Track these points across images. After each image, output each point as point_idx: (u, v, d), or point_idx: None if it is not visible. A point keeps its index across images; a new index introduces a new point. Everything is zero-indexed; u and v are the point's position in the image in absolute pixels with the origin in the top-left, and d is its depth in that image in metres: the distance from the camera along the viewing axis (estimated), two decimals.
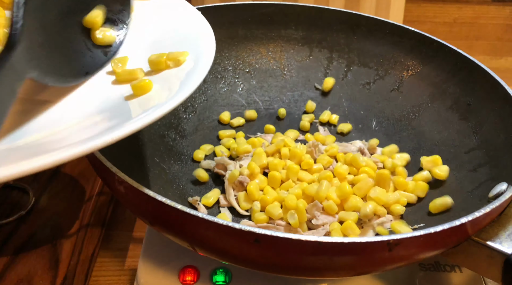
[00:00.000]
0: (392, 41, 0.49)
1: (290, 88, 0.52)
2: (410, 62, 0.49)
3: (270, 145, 0.43)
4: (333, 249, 0.26)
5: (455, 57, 0.45)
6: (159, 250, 0.39)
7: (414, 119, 0.47)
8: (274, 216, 0.37)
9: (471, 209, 0.29)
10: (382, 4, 0.69)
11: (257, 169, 0.40)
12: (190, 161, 0.44)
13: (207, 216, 0.26)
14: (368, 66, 0.51)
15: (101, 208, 0.48)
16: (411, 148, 0.46)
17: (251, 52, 0.52)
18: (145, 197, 0.28)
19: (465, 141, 0.42)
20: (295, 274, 0.31)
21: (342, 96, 0.51)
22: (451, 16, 0.77)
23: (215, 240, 0.28)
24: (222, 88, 0.51)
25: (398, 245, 0.26)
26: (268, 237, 0.26)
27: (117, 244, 0.46)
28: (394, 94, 0.49)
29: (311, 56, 0.52)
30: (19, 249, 0.42)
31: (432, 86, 0.47)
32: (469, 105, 0.43)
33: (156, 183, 0.39)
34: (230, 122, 0.49)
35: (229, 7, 0.50)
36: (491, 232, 0.31)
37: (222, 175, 0.42)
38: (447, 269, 0.39)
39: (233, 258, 0.30)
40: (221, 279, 0.37)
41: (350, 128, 0.49)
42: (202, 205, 0.40)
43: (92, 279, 0.43)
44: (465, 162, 0.41)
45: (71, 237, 0.43)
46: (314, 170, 0.41)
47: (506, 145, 0.38)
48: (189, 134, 0.47)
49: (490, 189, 0.35)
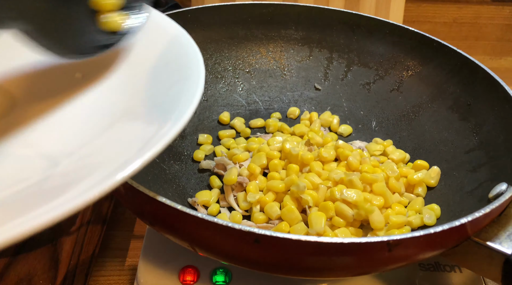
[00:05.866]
0: (392, 41, 0.49)
1: (290, 88, 0.52)
2: (410, 62, 0.49)
3: (271, 146, 0.43)
4: (333, 249, 0.26)
5: (455, 57, 0.45)
6: (159, 250, 0.39)
7: (414, 119, 0.47)
8: (272, 216, 0.37)
9: (471, 210, 0.29)
10: (382, 4, 0.69)
11: (257, 169, 0.40)
12: (190, 161, 0.45)
13: (207, 216, 0.26)
14: (368, 66, 0.51)
15: (101, 208, 0.48)
16: (411, 148, 0.46)
17: (251, 52, 0.52)
18: (145, 197, 0.28)
19: (465, 141, 0.42)
20: (295, 274, 0.31)
21: (342, 96, 0.51)
22: (451, 16, 0.77)
23: (215, 240, 0.28)
24: (222, 88, 0.51)
25: (398, 246, 0.26)
26: (268, 237, 0.26)
27: (117, 244, 0.46)
28: (394, 94, 0.49)
29: (311, 56, 0.52)
30: (19, 249, 0.42)
31: (432, 86, 0.47)
32: (469, 105, 0.43)
33: (156, 183, 0.39)
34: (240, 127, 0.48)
35: (229, 7, 0.50)
36: (491, 233, 0.31)
37: (222, 175, 0.42)
38: (447, 269, 0.39)
39: (233, 258, 0.30)
40: (221, 279, 0.37)
41: (350, 131, 0.49)
42: (202, 206, 0.40)
43: (92, 279, 0.43)
44: (465, 162, 0.41)
45: (71, 237, 0.43)
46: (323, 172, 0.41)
47: (506, 145, 0.38)
48: (189, 134, 0.47)
49: (490, 189, 0.35)
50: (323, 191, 0.38)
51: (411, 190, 0.41)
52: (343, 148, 0.42)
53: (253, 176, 0.41)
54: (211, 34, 0.50)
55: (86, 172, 0.23)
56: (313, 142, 0.44)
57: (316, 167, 0.40)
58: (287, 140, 0.43)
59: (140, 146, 0.24)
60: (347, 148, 0.42)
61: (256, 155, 0.42)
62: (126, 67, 0.32)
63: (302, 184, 0.37)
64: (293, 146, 0.42)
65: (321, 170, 0.40)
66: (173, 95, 0.28)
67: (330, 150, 0.42)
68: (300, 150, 0.41)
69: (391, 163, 0.42)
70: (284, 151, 0.42)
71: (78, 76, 0.33)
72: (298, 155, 0.41)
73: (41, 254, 0.41)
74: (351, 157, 0.41)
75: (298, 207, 0.37)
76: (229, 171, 0.40)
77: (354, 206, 0.36)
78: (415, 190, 0.41)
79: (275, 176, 0.40)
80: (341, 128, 0.49)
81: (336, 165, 0.42)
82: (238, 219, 0.38)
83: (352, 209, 0.36)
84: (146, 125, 0.26)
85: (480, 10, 0.77)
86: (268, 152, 0.42)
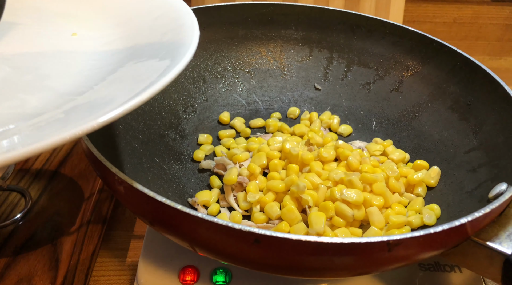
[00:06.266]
0: (392, 41, 0.49)
1: (290, 88, 0.52)
2: (410, 62, 0.49)
3: (271, 146, 0.43)
4: (333, 249, 0.26)
5: (455, 57, 0.45)
6: (159, 250, 0.39)
7: (414, 119, 0.47)
8: (272, 216, 0.37)
9: (470, 210, 0.29)
10: (382, 4, 0.69)
11: (257, 169, 0.41)
12: (190, 161, 0.45)
13: (207, 216, 0.26)
14: (368, 66, 0.51)
15: (101, 208, 0.48)
16: (411, 148, 0.46)
17: (251, 52, 0.52)
18: (145, 197, 0.28)
19: (465, 141, 0.42)
20: (295, 274, 0.31)
21: (342, 96, 0.51)
22: (451, 16, 0.77)
23: (215, 240, 0.28)
24: (222, 88, 0.51)
25: (397, 246, 0.26)
26: (268, 237, 0.26)
27: (117, 243, 0.46)
28: (394, 94, 0.49)
29: (311, 56, 0.52)
30: (19, 249, 0.42)
31: (432, 86, 0.47)
32: (469, 105, 0.43)
33: (156, 183, 0.39)
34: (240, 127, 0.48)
35: (229, 7, 0.50)
36: (490, 233, 0.31)
37: (222, 175, 0.42)
38: (447, 269, 0.39)
39: (233, 258, 0.30)
40: (221, 279, 0.37)
41: (350, 131, 0.49)
42: (202, 206, 0.40)
43: (92, 279, 0.43)
44: (465, 162, 0.41)
45: (71, 237, 0.43)
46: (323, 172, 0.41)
47: (506, 145, 0.38)
48: (189, 134, 0.47)
49: (490, 189, 0.35)
50: (323, 191, 0.38)
51: (411, 190, 0.41)
52: (343, 148, 0.42)
53: (253, 176, 0.41)
54: (211, 34, 0.50)
55: (110, 94, 0.25)
56: (313, 142, 0.44)
57: (316, 167, 0.40)
58: (287, 140, 0.43)
59: (160, 72, 0.26)
60: (347, 148, 0.42)
61: (256, 155, 0.42)
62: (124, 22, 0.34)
63: (302, 184, 0.37)
64: (293, 146, 0.42)
65: (321, 170, 0.40)
66: (173, 38, 0.30)
67: (330, 150, 0.42)
68: (300, 150, 0.41)
69: (391, 163, 0.42)
70: (284, 151, 0.42)
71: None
72: (298, 155, 0.41)
73: (41, 254, 0.42)
74: (351, 157, 0.41)
75: (298, 207, 0.37)
76: (229, 171, 0.40)
77: (354, 206, 0.36)
78: (415, 190, 0.41)
79: (275, 176, 0.40)
80: (341, 128, 0.49)
81: (336, 165, 0.42)
82: (238, 219, 0.38)
83: (352, 209, 0.36)
84: (158, 60, 0.28)
85: (480, 10, 0.77)
86: (268, 152, 0.42)
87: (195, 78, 0.49)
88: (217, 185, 0.42)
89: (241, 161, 0.42)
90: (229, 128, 0.49)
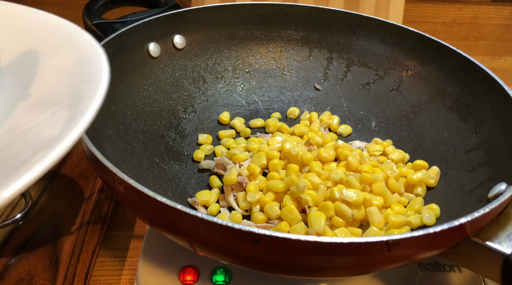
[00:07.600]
0: (392, 41, 0.49)
1: (290, 88, 0.52)
2: (409, 62, 0.49)
3: (270, 146, 0.43)
4: (333, 249, 0.26)
5: (455, 57, 0.45)
6: (159, 250, 0.39)
7: (414, 119, 0.47)
8: (271, 216, 0.37)
9: (470, 209, 0.29)
10: (382, 4, 0.69)
11: (257, 169, 0.41)
12: (190, 161, 0.45)
13: (206, 216, 0.26)
14: (367, 66, 0.51)
15: (101, 208, 0.48)
16: (411, 148, 0.46)
17: (251, 52, 0.52)
18: (145, 197, 0.28)
19: (465, 141, 0.42)
20: (295, 274, 0.31)
21: (342, 96, 0.51)
22: (451, 16, 0.77)
23: (214, 240, 0.28)
24: (222, 88, 0.51)
25: (397, 245, 0.26)
26: (267, 237, 0.26)
27: (117, 243, 0.46)
28: (394, 94, 0.49)
29: (311, 56, 0.52)
30: (19, 249, 0.42)
31: (432, 86, 0.47)
32: (468, 105, 0.43)
33: (156, 183, 0.39)
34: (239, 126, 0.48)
35: (229, 7, 0.50)
36: (490, 232, 0.31)
37: (222, 175, 0.42)
38: (447, 269, 0.39)
39: (233, 258, 0.30)
40: (221, 279, 0.37)
41: (350, 132, 0.49)
42: (202, 206, 0.40)
43: (92, 279, 0.43)
44: (465, 162, 0.41)
45: (71, 237, 0.44)
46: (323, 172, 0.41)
47: (506, 145, 0.38)
48: (189, 134, 0.47)
49: (490, 189, 0.35)
50: (323, 191, 0.38)
51: (410, 190, 0.41)
52: (342, 148, 0.42)
53: (253, 176, 0.41)
54: (211, 34, 0.50)
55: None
56: (313, 142, 0.44)
57: (316, 167, 0.40)
58: (287, 140, 0.43)
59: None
60: (346, 148, 0.42)
61: (256, 155, 0.42)
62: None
63: (302, 184, 0.37)
64: (293, 146, 0.42)
65: (320, 170, 0.40)
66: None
67: (329, 150, 0.42)
68: (300, 150, 0.41)
69: (391, 163, 0.42)
70: (284, 151, 0.42)
71: None
72: (298, 155, 0.41)
73: (41, 254, 0.42)
74: (350, 157, 0.41)
75: (298, 207, 0.37)
76: (229, 171, 0.40)
77: (354, 206, 0.36)
78: (415, 190, 0.41)
79: (275, 176, 0.40)
80: (340, 128, 0.49)
81: (335, 165, 0.42)
82: (238, 219, 0.38)
83: (352, 209, 0.36)
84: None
85: (480, 10, 0.77)
86: (268, 152, 0.42)
87: (195, 78, 0.49)
88: (217, 185, 0.42)
89: (241, 161, 0.43)
90: (229, 128, 0.49)
